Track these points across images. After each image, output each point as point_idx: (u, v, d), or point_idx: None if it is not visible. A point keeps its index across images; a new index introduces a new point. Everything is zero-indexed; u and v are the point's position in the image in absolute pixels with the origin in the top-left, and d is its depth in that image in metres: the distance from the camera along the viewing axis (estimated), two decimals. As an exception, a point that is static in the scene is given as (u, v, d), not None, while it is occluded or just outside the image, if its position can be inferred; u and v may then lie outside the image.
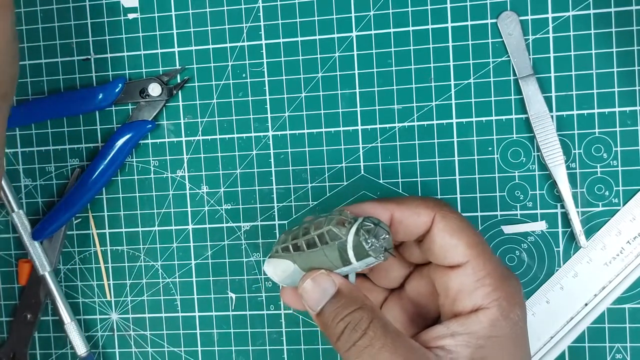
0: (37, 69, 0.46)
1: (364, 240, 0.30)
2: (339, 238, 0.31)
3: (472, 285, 0.32)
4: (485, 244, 0.33)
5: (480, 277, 0.32)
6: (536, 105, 0.40)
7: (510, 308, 0.32)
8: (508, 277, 0.33)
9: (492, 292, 0.32)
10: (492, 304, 0.31)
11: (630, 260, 0.40)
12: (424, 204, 0.34)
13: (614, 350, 0.41)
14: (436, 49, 0.42)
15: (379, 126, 0.43)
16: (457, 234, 0.33)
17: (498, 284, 0.32)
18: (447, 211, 0.33)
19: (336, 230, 0.31)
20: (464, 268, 0.32)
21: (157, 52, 0.45)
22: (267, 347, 0.45)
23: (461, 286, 0.32)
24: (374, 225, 0.31)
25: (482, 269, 0.32)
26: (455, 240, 0.33)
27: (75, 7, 0.45)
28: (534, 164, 0.41)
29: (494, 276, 0.32)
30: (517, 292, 0.33)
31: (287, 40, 0.43)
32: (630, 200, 0.41)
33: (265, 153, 0.44)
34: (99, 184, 0.45)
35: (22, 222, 0.46)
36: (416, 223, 0.33)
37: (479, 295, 0.32)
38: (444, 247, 0.33)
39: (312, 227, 0.33)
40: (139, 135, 0.45)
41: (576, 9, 0.40)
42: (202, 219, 0.45)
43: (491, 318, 0.31)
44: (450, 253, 0.33)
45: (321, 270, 0.32)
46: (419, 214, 0.33)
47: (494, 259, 0.33)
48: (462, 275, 0.32)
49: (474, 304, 0.32)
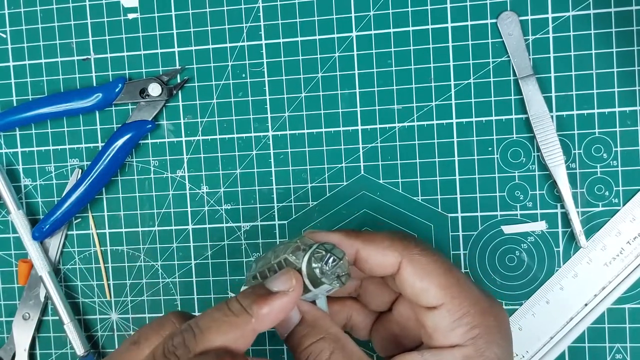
0: (37, 69, 0.46)
1: (317, 268, 0.30)
2: (294, 266, 0.31)
3: (449, 326, 0.32)
4: (461, 280, 0.33)
5: (456, 318, 0.31)
6: (536, 105, 0.40)
7: (486, 346, 0.31)
8: (489, 311, 0.32)
9: (469, 331, 0.31)
10: (468, 342, 0.31)
11: (630, 261, 0.40)
12: (392, 246, 0.33)
13: (614, 351, 0.41)
14: (436, 49, 0.42)
15: (379, 126, 0.43)
16: (427, 277, 0.32)
17: (477, 322, 0.31)
18: (416, 253, 0.33)
19: (291, 258, 0.31)
20: (440, 310, 0.32)
21: (157, 52, 0.45)
22: (267, 347, 0.45)
23: (437, 326, 0.32)
24: (325, 252, 0.31)
25: (458, 310, 0.32)
26: (426, 283, 0.32)
27: (75, 7, 0.45)
28: (534, 164, 0.41)
29: (472, 314, 0.32)
30: (499, 325, 0.32)
31: (287, 40, 0.43)
32: (630, 201, 0.41)
33: (265, 153, 0.44)
34: (99, 184, 0.45)
35: (22, 222, 0.46)
36: (382, 264, 0.33)
37: (456, 335, 0.31)
38: (415, 291, 0.32)
39: (272, 255, 0.33)
40: (139, 135, 0.45)
41: (576, 9, 0.40)
42: (202, 219, 0.45)
43: (466, 355, 0.31)
44: (422, 296, 0.32)
45: None
46: (385, 255, 0.33)
47: (473, 294, 0.32)
48: (437, 317, 0.32)
49: (450, 342, 0.32)
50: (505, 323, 0.33)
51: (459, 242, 0.42)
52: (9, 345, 0.47)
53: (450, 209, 0.42)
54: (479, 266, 0.42)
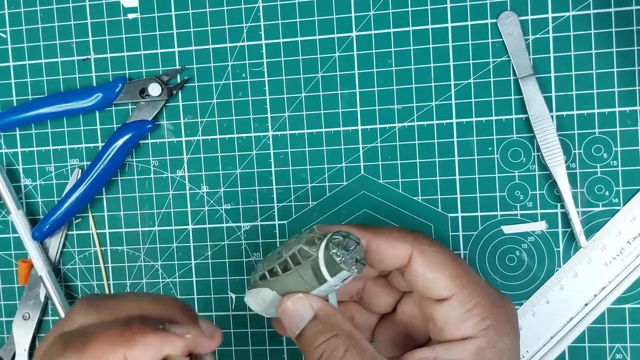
0: (37, 69, 0.46)
1: (335, 254, 0.30)
2: (310, 255, 0.30)
3: (460, 318, 0.31)
4: (470, 272, 0.33)
5: (467, 309, 0.31)
6: (536, 105, 0.40)
7: (498, 337, 0.31)
8: (499, 303, 0.32)
9: (481, 322, 0.31)
10: (479, 333, 0.31)
11: (630, 261, 0.40)
12: (402, 238, 0.33)
13: (614, 350, 0.41)
14: (436, 49, 0.42)
15: (379, 126, 0.43)
16: (438, 268, 0.32)
17: (487, 312, 0.31)
18: (426, 245, 0.33)
19: (306, 248, 0.31)
20: (450, 301, 0.32)
21: (157, 52, 0.45)
22: (267, 347, 0.45)
23: (448, 318, 0.32)
24: (342, 237, 0.30)
25: (469, 301, 0.32)
26: (437, 274, 0.32)
27: (75, 7, 0.45)
28: (534, 164, 0.41)
29: (483, 305, 0.32)
30: (509, 318, 0.32)
31: (287, 40, 0.43)
32: (630, 201, 0.41)
33: (265, 153, 0.44)
34: (99, 184, 0.45)
35: (22, 222, 0.46)
36: (392, 255, 0.33)
37: (467, 327, 0.31)
38: (426, 282, 0.32)
39: (284, 250, 0.32)
40: (139, 135, 0.45)
41: (576, 9, 0.40)
42: (202, 219, 0.45)
43: (478, 346, 0.31)
44: (433, 288, 0.32)
45: (298, 294, 0.31)
46: (395, 246, 0.33)
47: (482, 285, 0.32)
48: (448, 309, 0.32)
49: (462, 334, 0.31)
50: (514, 315, 0.33)
51: (459, 242, 0.42)
52: (9, 345, 0.47)
53: (450, 209, 0.42)
54: (479, 266, 0.42)
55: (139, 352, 0.26)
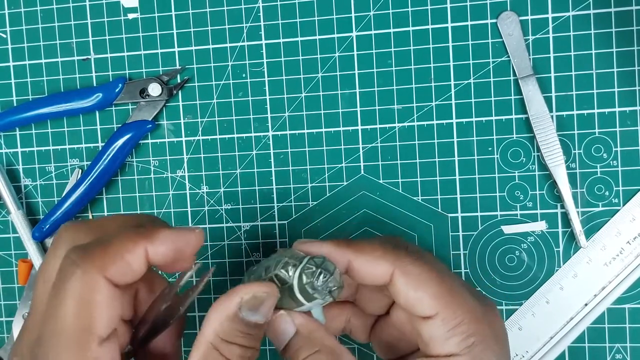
0: (37, 69, 0.46)
1: (308, 284, 0.30)
2: (286, 282, 0.31)
3: (444, 336, 0.31)
4: (454, 287, 0.32)
5: (451, 327, 0.31)
6: (536, 105, 0.40)
7: (483, 354, 0.31)
8: (484, 318, 0.32)
9: (465, 339, 0.31)
10: (464, 351, 0.31)
11: (630, 261, 0.40)
12: (384, 256, 0.32)
13: (614, 350, 0.41)
14: (436, 49, 0.42)
15: (379, 126, 0.43)
16: (421, 287, 0.32)
17: (472, 330, 0.31)
18: (408, 262, 0.32)
19: (282, 274, 0.31)
20: (434, 319, 0.31)
21: (157, 52, 0.45)
22: (267, 347, 0.45)
23: (432, 335, 0.32)
24: (316, 267, 0.31)
25: (454, 319, 0.31)
26: (420, 293, 0.32)
27: (75, 7, 0.45)
28: (534, 164, 0.41)
29: (467, 322, 0.31)
30: (495, 334, 0.32)
31: (287, 40, 0.43)
32: (630, 201, 0.41)
33: (265, 153, 0.44)
34: (99, 184, 0.45)
35: (22, 222, 0.46)
36: (373, 274, 0.32)
37: (451, 345, 0.31)
38: (408, 301, 0.32)
39: (264, 271, 0.33)
40: (139, 135, 0.45)
41: (576, 9, 0.40)
42: (202, 219, 0.45)
43: None
44: (417, 306, 0.32)
45: (280, 312, 0.32)
46: (376, 265, 0.32)
47: (468, 301, 0.32)
48: (432, 326, 0.31)
49: (446, 351, 0.31)
50: (500, 328, 0.33)
51: (459, 242, 0.42)
52: (9, 345, 0.47)
53: (450, 209, 0.42)
54: (479, 266, 0.42)
55: (159, 246, 0.30)
